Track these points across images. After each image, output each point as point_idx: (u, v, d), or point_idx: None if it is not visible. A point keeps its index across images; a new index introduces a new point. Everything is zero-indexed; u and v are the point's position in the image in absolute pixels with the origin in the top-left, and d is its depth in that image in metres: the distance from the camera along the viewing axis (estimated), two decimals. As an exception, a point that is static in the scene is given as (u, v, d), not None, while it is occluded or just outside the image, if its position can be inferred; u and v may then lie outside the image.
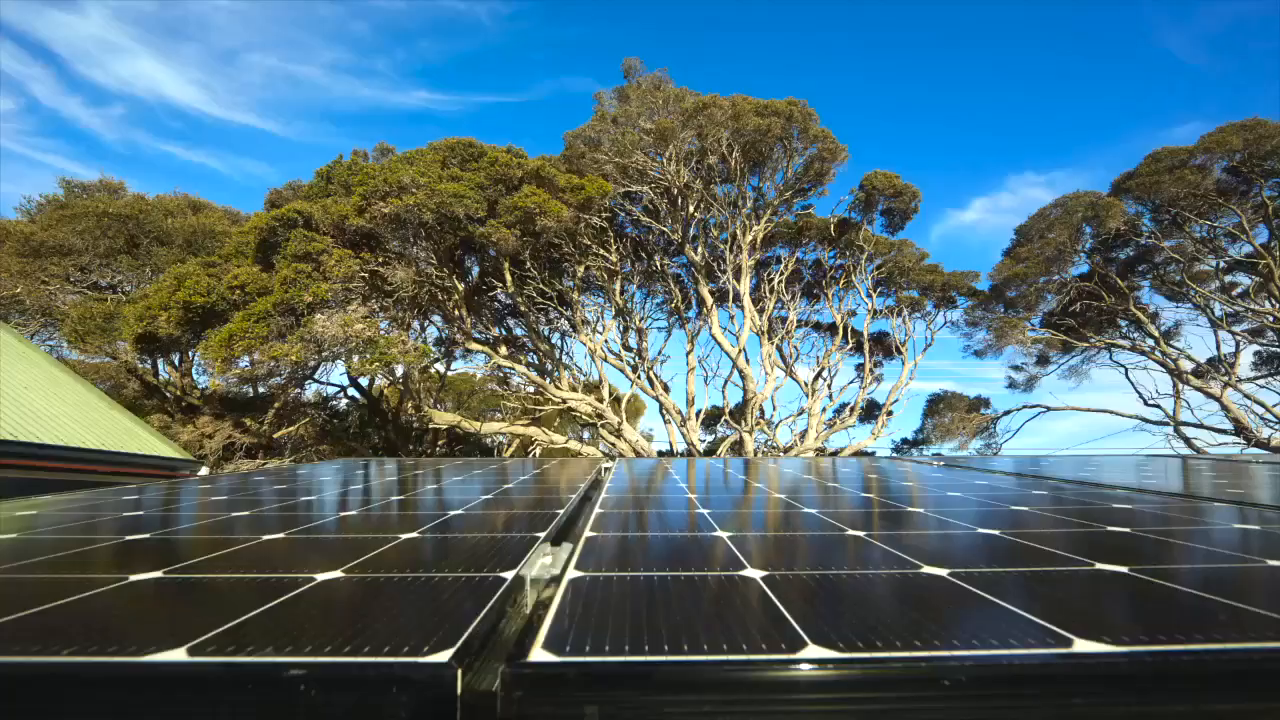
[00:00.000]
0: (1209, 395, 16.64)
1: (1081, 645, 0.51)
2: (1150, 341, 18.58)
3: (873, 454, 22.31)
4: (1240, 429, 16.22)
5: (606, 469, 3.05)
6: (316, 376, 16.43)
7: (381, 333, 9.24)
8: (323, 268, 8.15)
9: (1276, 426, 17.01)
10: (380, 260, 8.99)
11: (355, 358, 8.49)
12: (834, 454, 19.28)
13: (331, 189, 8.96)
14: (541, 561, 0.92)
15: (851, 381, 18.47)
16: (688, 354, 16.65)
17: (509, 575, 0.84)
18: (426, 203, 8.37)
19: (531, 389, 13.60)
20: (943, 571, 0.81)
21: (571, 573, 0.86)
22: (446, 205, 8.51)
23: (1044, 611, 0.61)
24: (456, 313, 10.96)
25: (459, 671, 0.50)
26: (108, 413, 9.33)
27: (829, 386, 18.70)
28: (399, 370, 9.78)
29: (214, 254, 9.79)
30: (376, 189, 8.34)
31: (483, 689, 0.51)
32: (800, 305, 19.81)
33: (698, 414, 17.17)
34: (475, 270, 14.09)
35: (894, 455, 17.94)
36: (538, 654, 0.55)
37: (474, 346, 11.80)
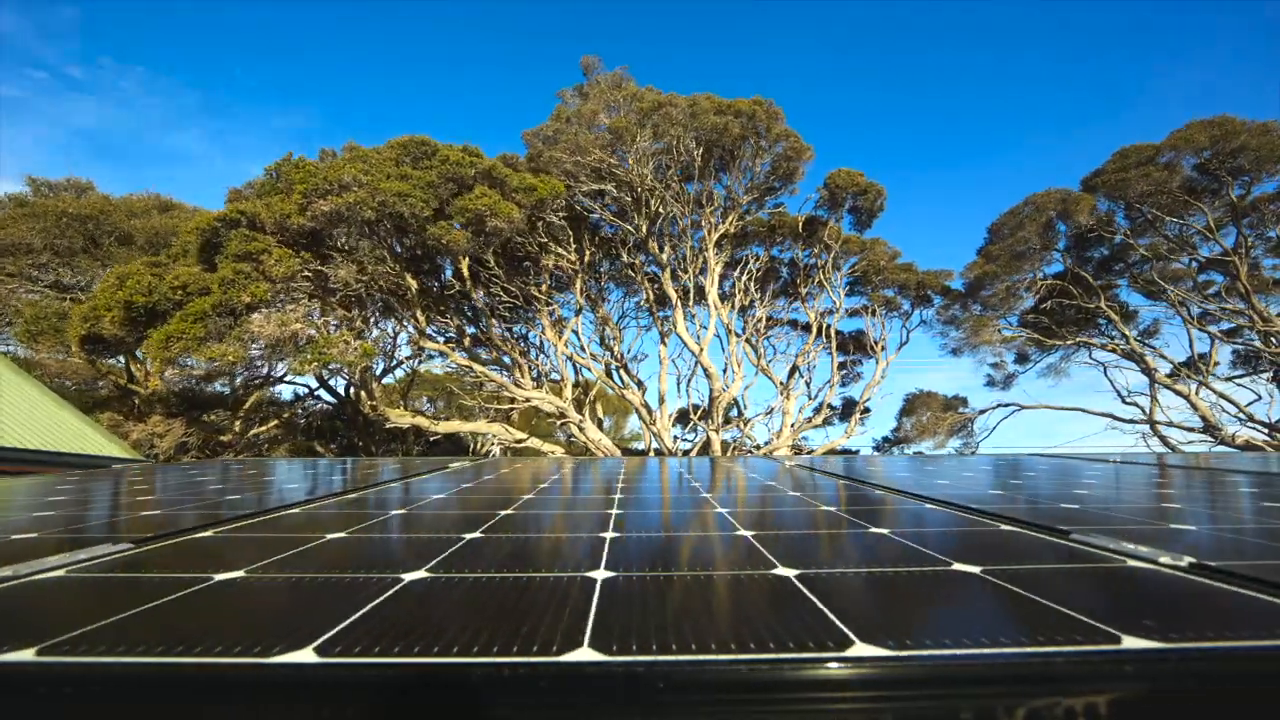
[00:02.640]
0: (1178, 394, 16.69)
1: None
2: (1124, 340, 18.61)
3: (856, 452, 22.35)
4: (1208, 427, 16.27)
5: (438, 470, 3.04)
6: (288, 378, 16.49)
7: (327, 332, 9.22)
8: (263, 267, 8.15)
9: (1248, 425, 17.07)
10: (322, 260, 8.97)
11: (295, 357, 8.48)
12: (809, 453, 19.28)
13: (280, 187, 8.95)
14: (44, 561, 0.92)
15: (829, 381, 18.44)
16: (660, 351, 16.66)
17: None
18: (368, 201, 8.36)
19: (497, 387, 13.58)
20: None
21: (57, 573, 0.86)
22: (390, 204, 8.50)
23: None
24: (412, 311, 10.96)
25: None
26: (55, 412, 9.32)
27: (808, 385, 18.71)
28: (351, 369, 9.78)
29: (161, 254, 9.77)
30: (317, 187, 8.33)
31: None
32: (778, 304, 19.85)
33: (671, 413, 17.18)
34: (448, 270, 14.11)
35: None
36: None
37: (430, 345, 11.79)
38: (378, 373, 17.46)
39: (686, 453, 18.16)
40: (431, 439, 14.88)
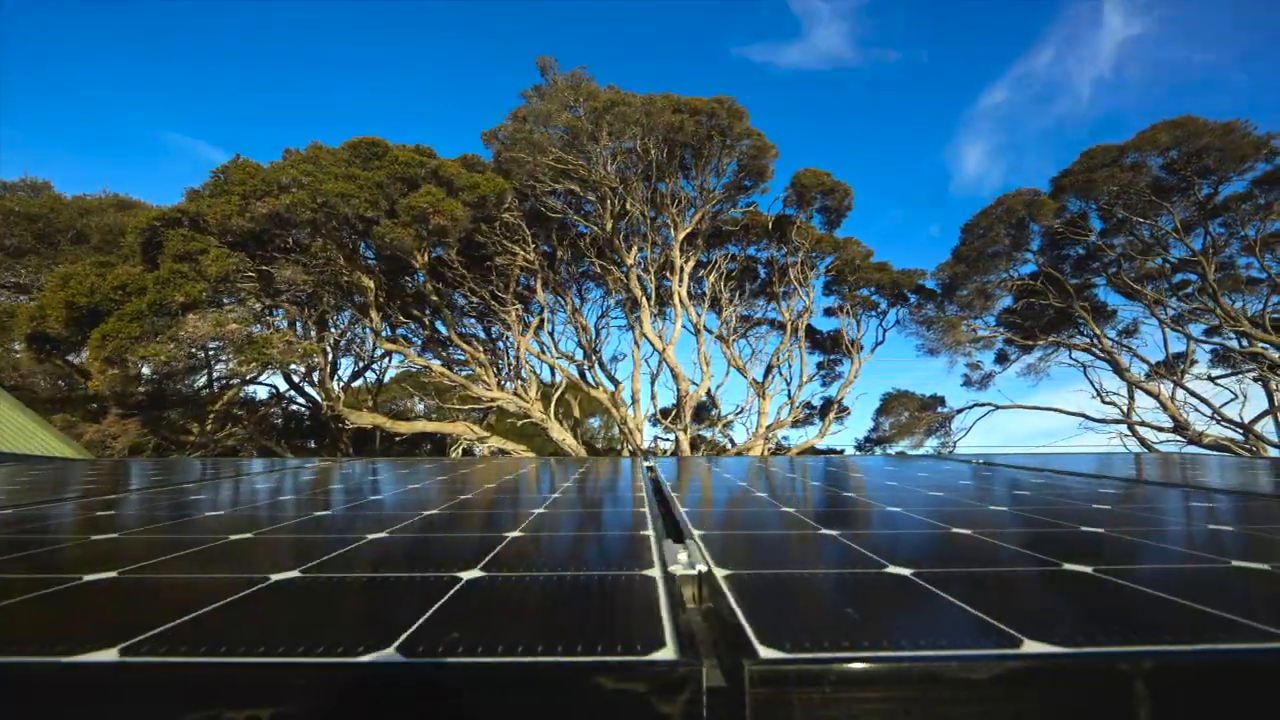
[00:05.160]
0: (1148, 393, 16.71)
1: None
2: (1102, 340, 18.61)
3: (841, 451, 22.35)
4: (1178, 426, 16.29)
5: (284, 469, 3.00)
6: (263, 379, 16.44)
7: (289, 332, 9.19)
8: (199, 267, 8.12)
9: (1222, 424, 17.07)
10: (268, 260, 8.94)
11: (235, 357, 8.45)
12: (785, 452, 19.27)
13: (227, 188, 8.91)
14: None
15: (800, 380, 18.42)
16: (634, 351, 16.62)
17: None
18: (307, 202, 8.33)
19: (460, 387, 13.54)
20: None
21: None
22: (333, 205, 8.47)
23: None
24: (368, 311, 10.93)
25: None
26: (5, 412, 9.26)
27: (789, 384, 18.69)
28: (306, 368, 9.76)
29: (112, 254, 9.74)
30: (255, 189, 8.30)
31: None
32: (757, 303, 19.84)
33: (646, 413, 17.16)
34: (422, 273, 14.11)
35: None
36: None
37: (387, 345, 11.76)
38: (346, 374, 17.45)
39: (665, 452, 18.15)
40: (397, 439, 14.84)
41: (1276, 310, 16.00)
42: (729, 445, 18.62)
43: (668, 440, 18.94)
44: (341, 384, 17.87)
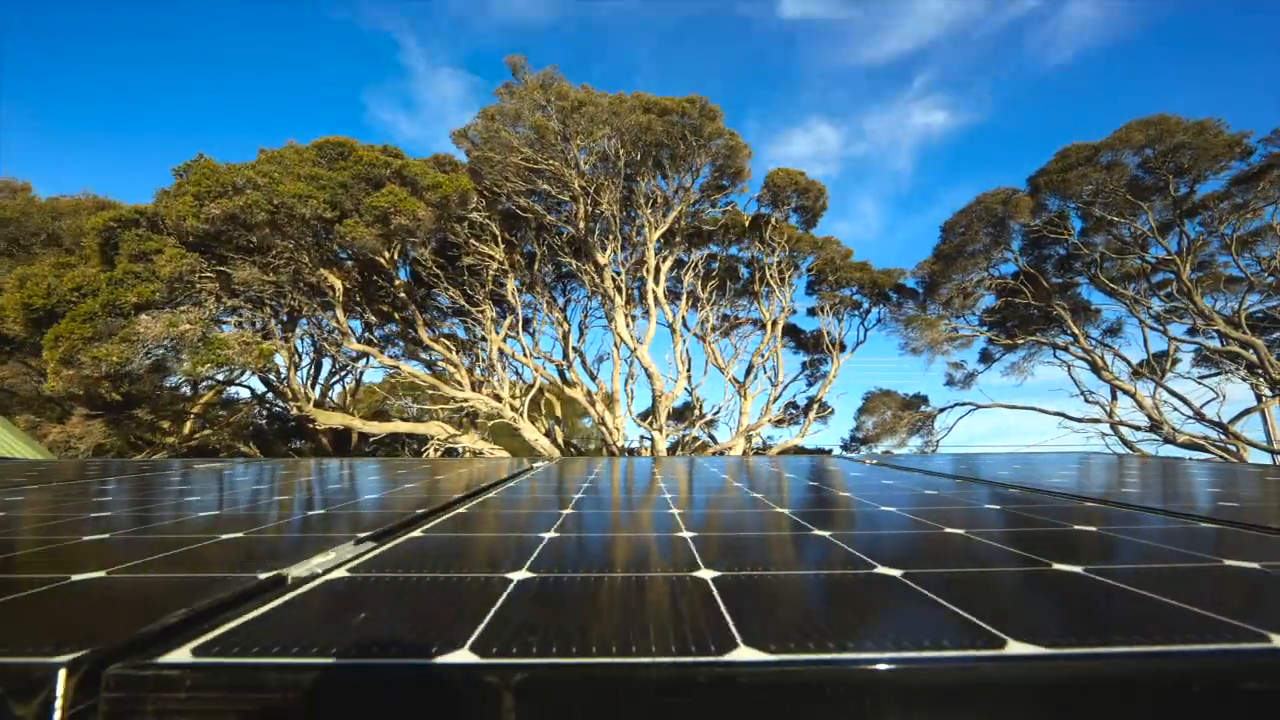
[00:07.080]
0: (1125, 392, 16.76)
1: None
2: (1080, 339, 18.64)
3: (830, 451, 22.36)
4: (1154, 425, 16.33)
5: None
6: (243, 380, 16.41)
7: (247, 333, 9.17)
8: (154, 267, 8.11)
9: (1203, 424, 17.09)
10: (225, 260, 8.94)
11: (189, 358, 8.44)
12: (767, 451, 19.29)
13: (186, 187, 8.90)
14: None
15: (777, 379, 18.43)
16: (614, 350, 16.62)
17: None
18: (262, 203, 8.32)
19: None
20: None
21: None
22: (290, 205, 8.46)
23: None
24: (333, 311, 10.92)
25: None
26: (-36, 413, 9.24)
27: (774, 384, 18.70)
28: (270, 370, 9.78)
29: (74, 255, 9.73)
30: (210, 189, 8.29)
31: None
32: (740, 303, 19.87)
33: (624, 413, 17.15)
34: (404, 271, 14.13)
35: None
36: None
37: (356, 346, 11.75)
38: (323, 374, 17.43)
39: (646, 451, 18.14)
40: (371, 439, 14.82)
41: (1253, 309, 16.06)
42: (710, 444, 18.63)
43: (650, 439, 18.95)
44: (322, 385, 17.88)
